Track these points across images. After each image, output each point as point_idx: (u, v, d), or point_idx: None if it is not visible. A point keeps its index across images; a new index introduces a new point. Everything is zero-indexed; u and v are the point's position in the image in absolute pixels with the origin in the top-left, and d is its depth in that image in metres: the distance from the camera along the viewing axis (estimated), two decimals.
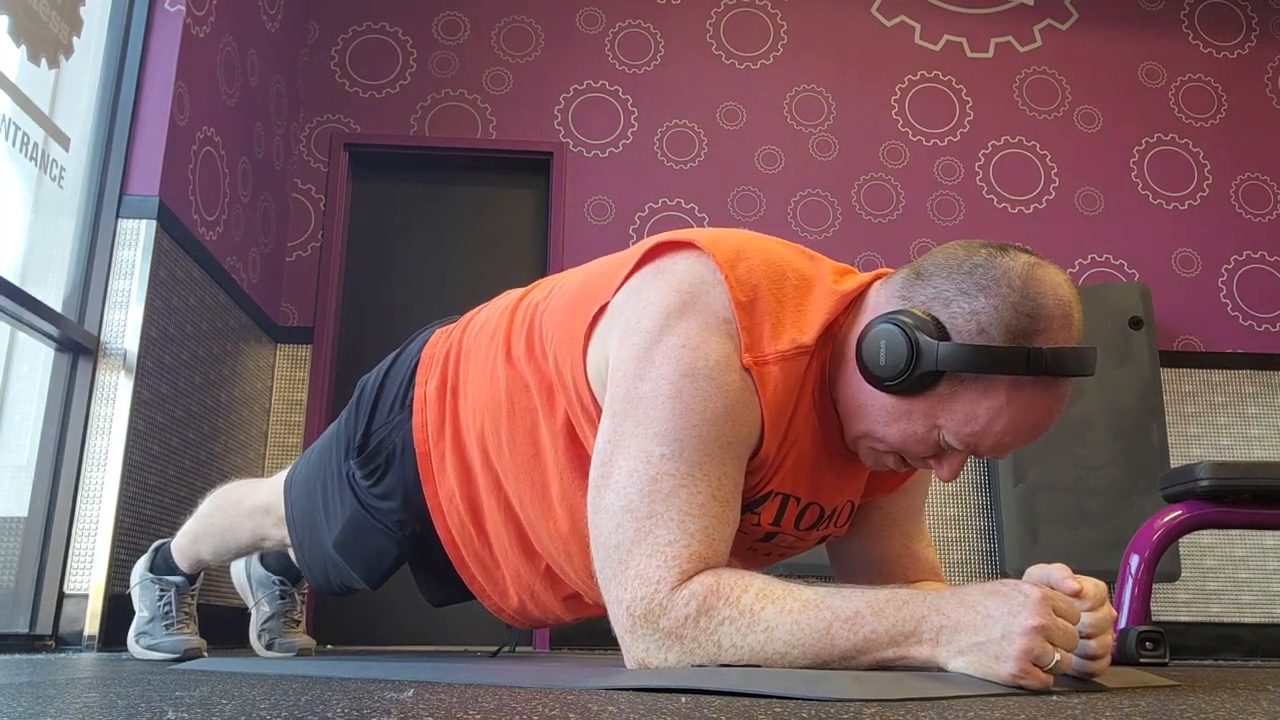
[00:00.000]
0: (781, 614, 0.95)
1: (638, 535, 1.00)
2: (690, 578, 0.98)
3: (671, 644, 0.98)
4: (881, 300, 1.08)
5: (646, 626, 0.99)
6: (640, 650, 1.00)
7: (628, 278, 1.12)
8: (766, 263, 1.09)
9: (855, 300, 1.11)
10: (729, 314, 1.04)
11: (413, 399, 1.41)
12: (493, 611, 1.46)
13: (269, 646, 2.04)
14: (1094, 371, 1.02)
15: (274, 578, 2.06)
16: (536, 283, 1.42)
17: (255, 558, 2.08)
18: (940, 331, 1.00)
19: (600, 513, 1.04)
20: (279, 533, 1.69)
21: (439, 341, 1.46)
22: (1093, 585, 0.99)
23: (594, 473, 1.06)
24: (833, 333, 1.10)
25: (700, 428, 1.01)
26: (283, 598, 2.05)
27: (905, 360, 1.00)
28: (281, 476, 1.71)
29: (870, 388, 1.05)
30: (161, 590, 1.90)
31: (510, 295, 1.44)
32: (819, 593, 0.97)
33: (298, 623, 2.10)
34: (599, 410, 1.13)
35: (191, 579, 1.94)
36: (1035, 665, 0.88)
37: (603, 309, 1.13)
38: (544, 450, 1.24)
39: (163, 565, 1.93)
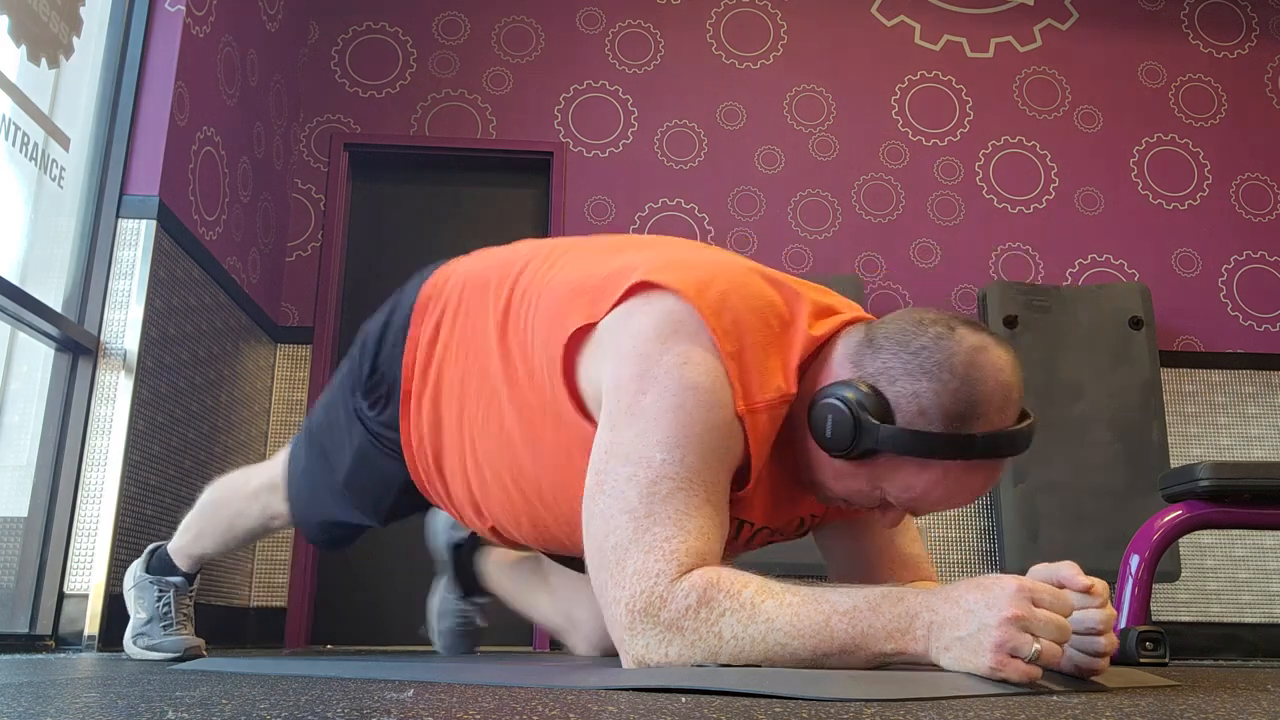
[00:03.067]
0: (781, 607, 0.98)
1: (636, 533, 1.02)
2: (689, 571, 1.01)
3: (672, 637, 0.99)
4: (838, 359, 1.12)
5: (646, 621, 1.00)
6: (640, 646, 1.00)
7: (615, 305, 1.16)
8: (750, 309, 1.12)
9: (824, 346, 1.15)
10: (723, 374, 1.07)
11: (408, 338, 1.45)
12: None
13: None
14: (1027, 448, 1.07)
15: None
16: (538, 248, 1.40)
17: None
18: (883, 409, 1.05)
19: (596, 517, 1.06)
20: (286, 507, 1.69)
21: (437, 283, 1.47)
22: (1100, 584, 1.01)
23: (589, 481, 1.08)
24: (807, 381, 1.14)
25: (701, 436, 1.05)
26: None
27: (849, 437, 1.05)
28: (283, 452, 1.72)
29: (819, 449, 1.11)
30: (160, 591, 1.89)
31: (518, 255, 1.41)
32: (816, 589, 1.00)
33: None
34: (585, 422, 1.19)
35: (190, 579, 1.93)
36: (1014, 656, 0.89)
37: (588, 328, 1.17)
38: (512, 432, 1.29)
39: (160, 566, 1.91)
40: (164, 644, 1.86)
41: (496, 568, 1.94)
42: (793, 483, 1.21)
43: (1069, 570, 0.99)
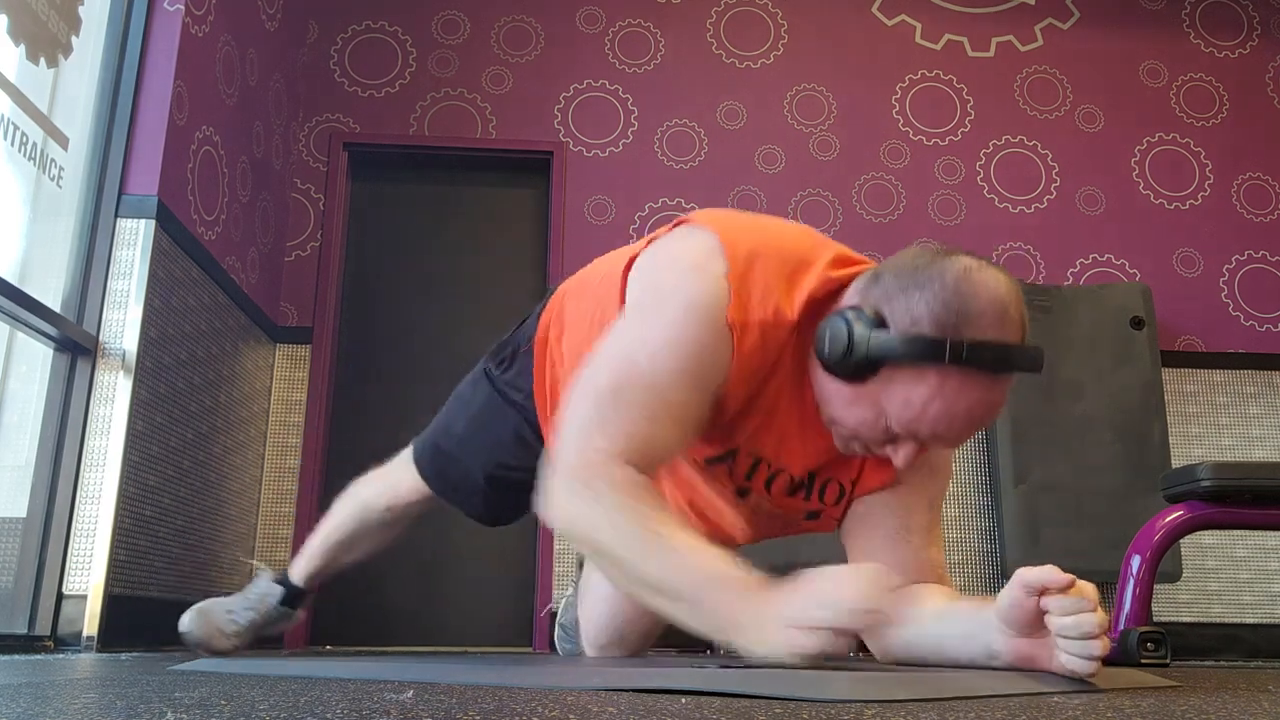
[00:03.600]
0: (653, 548, 1.06)
1: (599, 417, 1.15)
2: (633, 464, 1.12)
3: (581, 492, 1.11)
4: (848, 295, 1.19)
5: (574, 478, 1.13)
6: (560, 491, 1.13)
7: (652, 240, 1.31)
8: (766, 243, 1.20)
9: (842, 289, 1.21)
10: (725, 283, 1.15)
11: (543, 307, 1.59)
12: None
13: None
14: (1032, 368, 1.09)
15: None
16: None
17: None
18: (880, 324, 1.10)
19: (582, 381, 1.20)
20: (410, 477, 1.73)
21: (558, 290, 1.61)
22: (1088, 587, 1.03)
23: (599, 346, 1.22)
24: (818, 316, 1.19)
25: (681, 358, 1.14)
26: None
27: (845, 347, 1.10)
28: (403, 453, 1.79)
29: (826, 374, 1.16)
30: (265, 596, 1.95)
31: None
32: (685, 540, 1.07)
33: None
34: None
35: (294, 599, 1.95)
36: (802, 641, 0.93)
37: (634, 259, 1.31)
38: None
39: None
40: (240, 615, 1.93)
41: None
42: (815, 430, 1.23)
43: (1050, 574, 1.02)
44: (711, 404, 1.18)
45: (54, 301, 2.60)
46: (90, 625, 2.48)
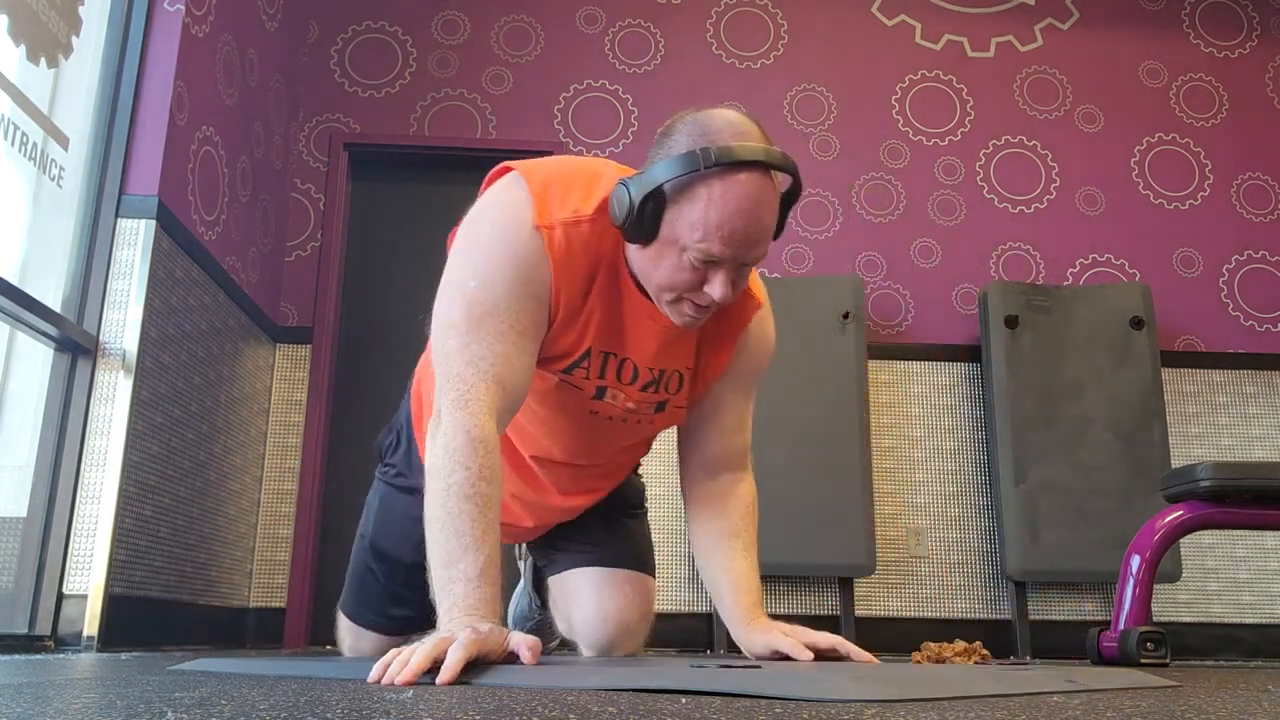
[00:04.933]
0: (473, 490, 1.19)
1: (460, 347, 1.26)
2: (494, 403, 1.24)
3: (437, 432, 1.23)
4: None
5: (446, 413, 1.24)
6: (444, 424, 1.23)
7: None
8: (560, 167, 1.36)
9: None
10: (527, 198, 1.30)
11: (410, 387, 1.71)
12: None
13: None
14: (781, 165, 1.22)
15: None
16: None
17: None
18: (647, 174, 1.23)
19: (435, 321, 1.31)
20: (353, 635, 1.84)
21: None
22: (823, 641, 1.41)
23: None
24: None
25: (504, 270, 1.27)
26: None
27: (628, 207, 1.23)
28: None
29: (634, 247, 1.28)
30: None
31: None
32: (478, 546, 1.17)
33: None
34: None
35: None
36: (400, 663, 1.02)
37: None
38: None
39: None
40: None
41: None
42: (652, 322, 1.36)
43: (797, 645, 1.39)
44: (547, 310, 1.31)
45: (54, 301, 2.60)
46: (90, 625, 2.49)
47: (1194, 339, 4.12)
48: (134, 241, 2.73)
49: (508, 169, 1.37)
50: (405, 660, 1.02)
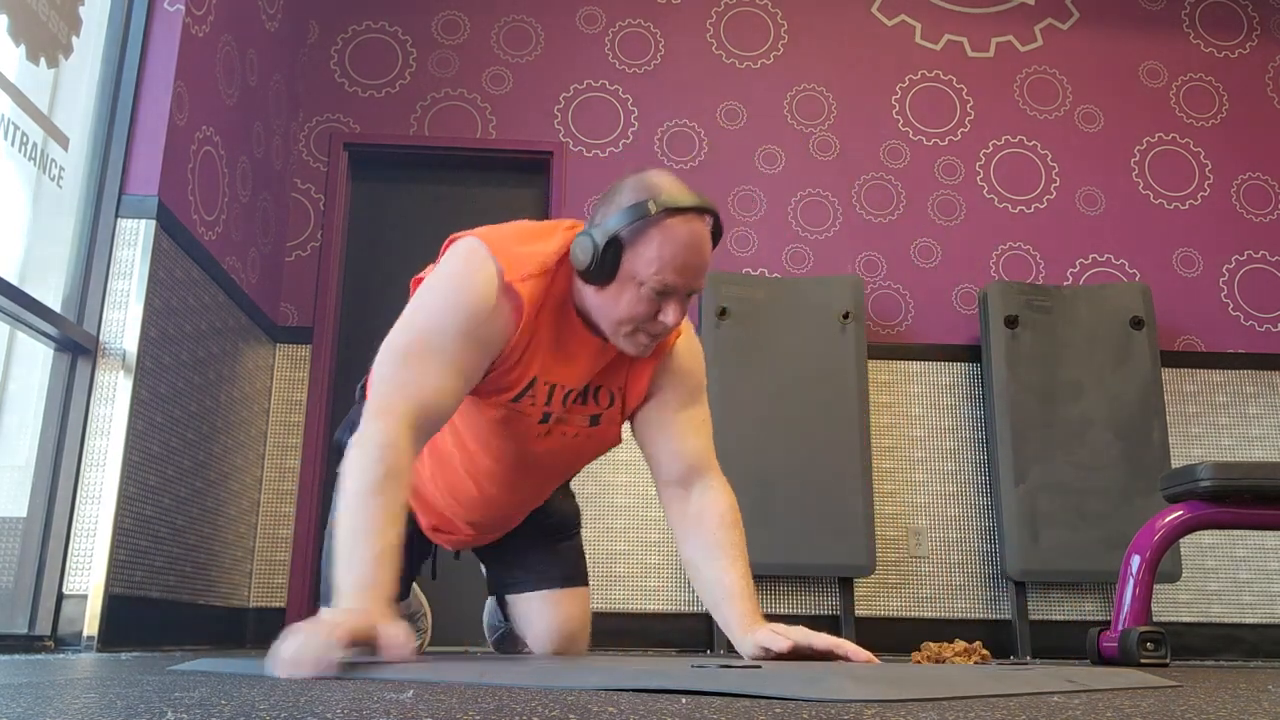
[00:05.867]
0: (380, 487, 1.32)
1: (394, 371, 1.43)
2: (412, 418, 1.39)
3: (369, 449, 1.35)
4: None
5: (367, 423, 1.39)
6: (363, 433, 1.38)
7: (435, 261, 1.56)
8: (514, 230, 1.54)
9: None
10: (496, 264, 1.47)
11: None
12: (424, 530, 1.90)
13: None
14: (711, 208, 1.45)
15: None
16: None
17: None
18: (604, 228, 1.44)
19: (384, 346, 1.46)
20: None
21: None
22: (802, 635, 1.46)
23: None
24: (569, 261, 1.52)
25: (454, 318, 1.43)
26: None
27: (590, 250, 1.43)
28: None
29: (592, 288, 1.47)
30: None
31: None
32: (378, 545, 1.28)
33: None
34: None
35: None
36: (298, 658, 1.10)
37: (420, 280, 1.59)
38: None
39: None
40: None
41: None
42: (584, 349, 1.55)
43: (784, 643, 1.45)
44: (495, 354, 1.49)
45: (54, 301, 2.60)
46: (90, 625, 2.48)
47: (1194, 339, 4.12)
48: (134, 241, 2.73)
49: (462, 235, 1.55)
50: (294, 654, 1.10)
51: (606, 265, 1.43)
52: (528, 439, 1.62)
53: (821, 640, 1.46)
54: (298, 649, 1.09)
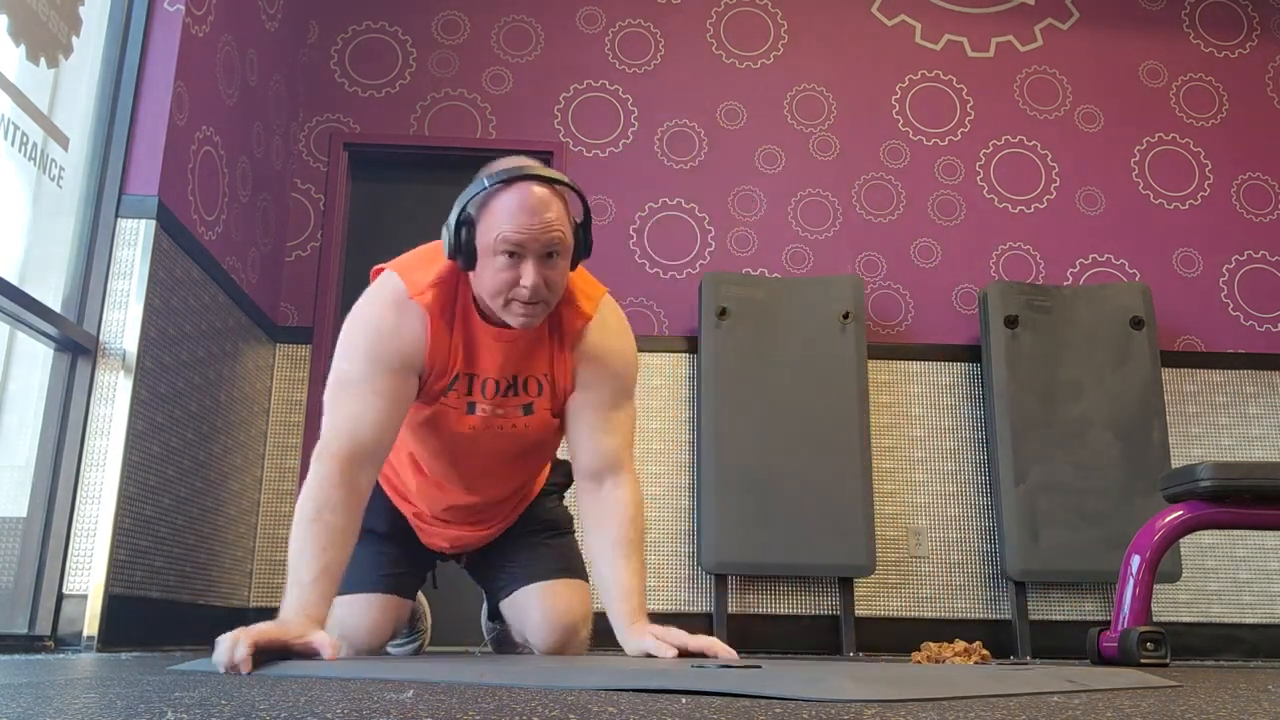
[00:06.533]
0: (317, 518, 1.50)
1: (332, 405, 1.60)
2: (345, 453, 1.55)
3: (311, 485, 1.53)
4: None
5: (316, 461, 1.56)
6: (313, 473, 1.55)
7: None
8: (422, 250, 1.70)
9: None
10: (400, 284, 1.62)
11: None
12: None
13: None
14: (543, 173, 1.58)
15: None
16: None
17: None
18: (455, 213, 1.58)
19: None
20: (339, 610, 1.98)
21: None
22: (693, 643, 1.60)
23: None
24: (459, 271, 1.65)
25: (365, 349, 1.59)
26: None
27: (453, 234, 1.56)
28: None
29: (472, 276, 1.59)
30: None
31: None
32: (319, 559, 1.47)
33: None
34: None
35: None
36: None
37: None
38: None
39: None
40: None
41: None
42: (505, 344, 1.65)
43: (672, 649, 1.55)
44: (415, 370, 1.62)
45: (54, 301, 2.60)
46: (90, 625, 2.48)
47: (1194, 339, 4.12)
48: (134, 241, 2.73)
49: (381, 269, 1.71)
50: (231, 648, 1.24)
51: (464, 246, 1.56)
52: (460, 429, 1.71)
53: (695, 642, 1.58)
54: (219, 648, 1.26)
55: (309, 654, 1.33)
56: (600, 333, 1.74)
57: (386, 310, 1.61)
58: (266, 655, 1.29)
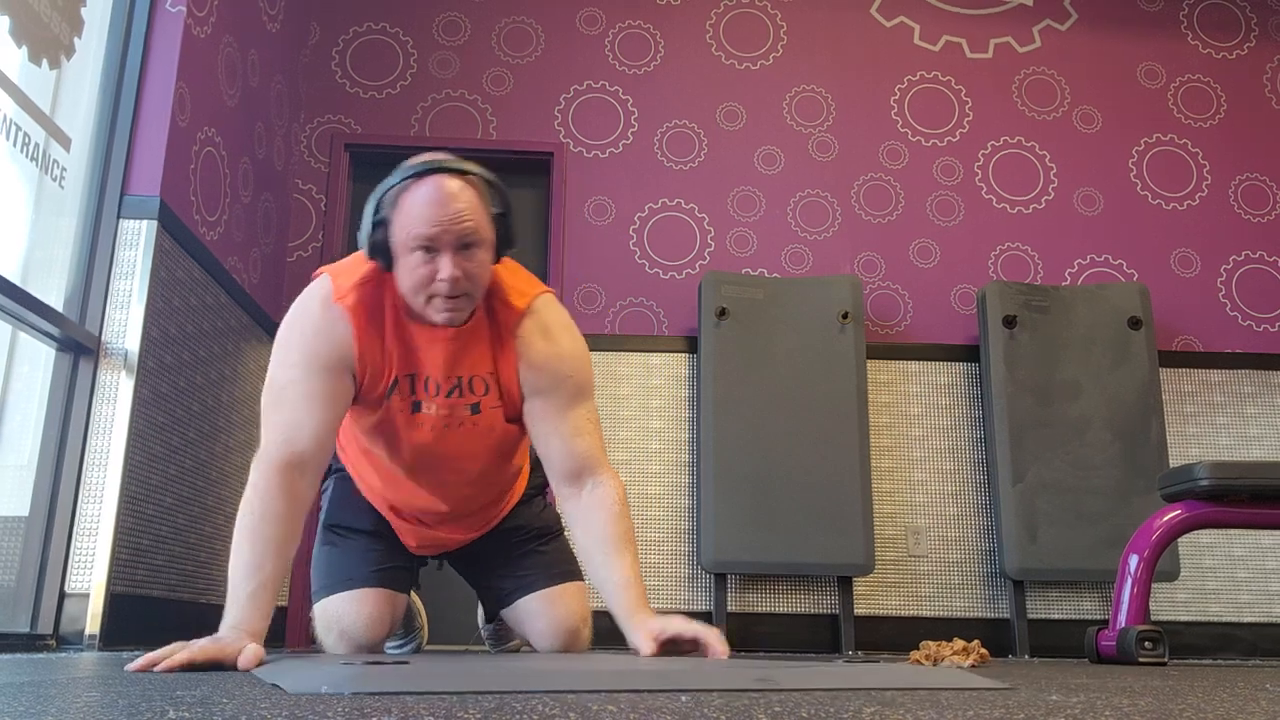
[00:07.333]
0: (255, 530, 1.52)
1: (268, 412, 1.62)
2: (284, 460, 1.56)
3: (251, 491, 1.55)
4: None
5: (255, 466, 1.58)
6: (252, 475, 1.57)
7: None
8: (349, 259, 1.70)
9: None
10: (328, 287, 1.63)
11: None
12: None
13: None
14: (448, 166, 1.57)
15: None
16: None
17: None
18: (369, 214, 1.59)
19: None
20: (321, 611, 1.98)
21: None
22: (687, 631, 1.55)
23: None
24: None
25: (294, 354, 1.62)
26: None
27: (367, 234, 1.57)
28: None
29: (394, 277, 1.60)
30: None
31: None
32: (258, 559, 1.51)
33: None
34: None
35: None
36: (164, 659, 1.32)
37: None
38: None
39: None
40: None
41: None
42: (427, 342, 1.65)
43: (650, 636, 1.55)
44: (349, 371, 1.63)
45: (56, 301, 2.61)
46: (92, 624, 2.49)
47: (1192, 339, 4.12)
48: (136, 242, 2.74)
49: (320, 271, 1.71)
50: (169, 654, 1.31)
51: (380, 245, 1.56)
52: (409, 431, 1.72)
53: (690, 630, 1.57)
54: (179, 658, 1.32)
55: (240, 664, 1.39)
56: (541, 337, 1.73)
57: (314, 312, 1.62)
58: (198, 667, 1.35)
